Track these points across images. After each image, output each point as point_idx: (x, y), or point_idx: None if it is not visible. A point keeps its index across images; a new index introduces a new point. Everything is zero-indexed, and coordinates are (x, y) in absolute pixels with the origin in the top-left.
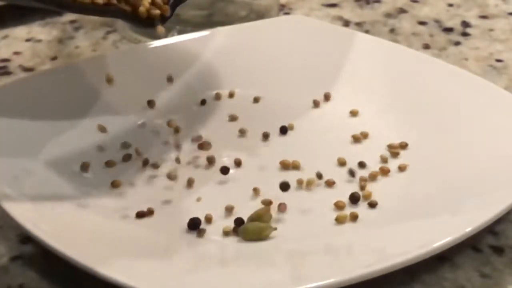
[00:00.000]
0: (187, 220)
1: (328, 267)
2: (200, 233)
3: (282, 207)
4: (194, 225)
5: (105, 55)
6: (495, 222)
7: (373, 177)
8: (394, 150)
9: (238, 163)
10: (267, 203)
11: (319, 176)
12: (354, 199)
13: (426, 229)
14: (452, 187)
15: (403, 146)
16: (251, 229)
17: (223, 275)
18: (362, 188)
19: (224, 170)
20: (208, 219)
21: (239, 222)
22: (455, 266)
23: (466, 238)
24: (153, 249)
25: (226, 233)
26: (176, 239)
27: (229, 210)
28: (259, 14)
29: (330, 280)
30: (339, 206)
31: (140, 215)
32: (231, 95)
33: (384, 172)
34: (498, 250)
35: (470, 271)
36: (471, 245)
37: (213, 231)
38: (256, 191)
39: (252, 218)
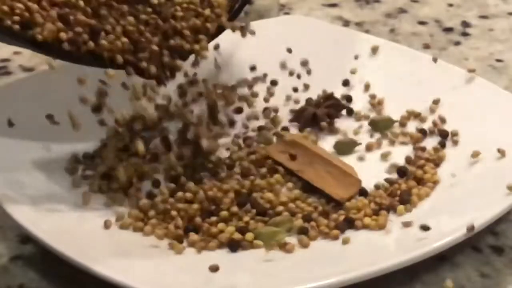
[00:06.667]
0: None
1: (328, 267)
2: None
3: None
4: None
5: None
6: (495, 222)
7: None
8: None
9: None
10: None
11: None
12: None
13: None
14: (452, 187)
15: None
16: (264, 232)
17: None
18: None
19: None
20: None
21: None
22: (455, 266)
23: (466, 238)
24: (153, 249)
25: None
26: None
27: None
28: (259, 14)
29: (330, 280)
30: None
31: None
32: None
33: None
34: (498, 250)
35: (470, 271)
36: (471, 245)
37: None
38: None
39: (270, 223)
